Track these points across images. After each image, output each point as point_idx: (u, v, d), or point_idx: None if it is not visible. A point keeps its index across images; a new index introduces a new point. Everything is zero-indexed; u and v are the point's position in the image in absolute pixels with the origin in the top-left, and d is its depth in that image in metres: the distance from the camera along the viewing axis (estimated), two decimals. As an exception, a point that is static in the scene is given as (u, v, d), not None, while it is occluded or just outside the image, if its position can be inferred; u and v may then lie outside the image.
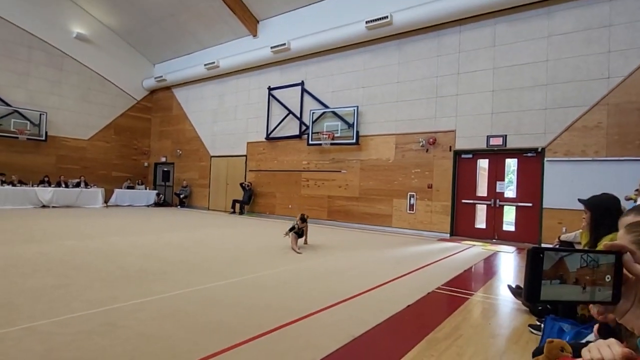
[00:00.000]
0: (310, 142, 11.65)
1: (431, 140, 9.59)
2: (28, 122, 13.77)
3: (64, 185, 13.69)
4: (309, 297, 3.65)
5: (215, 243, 6.95)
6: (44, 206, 12.75)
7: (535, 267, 0.74)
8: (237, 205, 13.48)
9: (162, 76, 16.29)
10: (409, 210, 9.95)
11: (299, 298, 3.63)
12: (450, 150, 9.40)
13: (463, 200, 9.31)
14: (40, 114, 14.02)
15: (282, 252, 6.08)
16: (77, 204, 13.51)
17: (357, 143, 10.82)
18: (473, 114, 9.12)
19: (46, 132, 14.19)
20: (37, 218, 9.66)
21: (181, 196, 15.59)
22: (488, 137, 8.87)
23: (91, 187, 14.41)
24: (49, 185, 13.33)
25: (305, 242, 6.88)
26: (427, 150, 9.72)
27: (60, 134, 14.80)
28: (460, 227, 9.35)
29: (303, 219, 6.51)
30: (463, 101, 9.27)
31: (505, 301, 3.90)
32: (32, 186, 12.96)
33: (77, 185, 14.06)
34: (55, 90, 14.70)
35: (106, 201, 14.57)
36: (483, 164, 9.25)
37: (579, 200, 2.93)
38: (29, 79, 14.04)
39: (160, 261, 5.06)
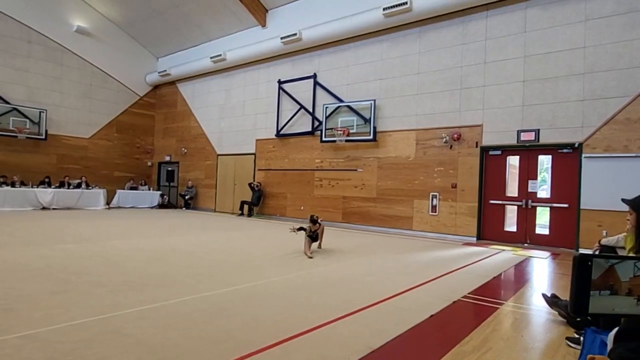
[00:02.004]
0: (324, 138, 11.65)
1: (455, 135, 9.48)
2: (27, 120, 14.11)
3: (66, 186, 13.99)
4: (322, 306, 3.63)
5: (222, 247, 6.98)
6: (44, 208, 13.04)
7: (583, 277, 0.71)
8: (246, 207, 13.57)
9: (166, 70, 16.51)
10: (431, 211, 9.86)
11: (312, 306, 3.61)
12: (476, 146, 9.29)
13: (491, 201, 9.19)
14: (40, 112, 14.36)
15: (294, 257, 6.08)
16: (78, 206, 13.79)
17: (374, 139, 10.77)
18: (502, 107, 8.98)
19: (46, 131, 14.53)
20: (36, 220, 9.88)
21: (186, 197, 15.77)
22: (519, 132, 8.73)
23: (92, 188, 14.69)
24: (49, 186, 13.64)
25: (319, 247, 6.86)
26: (451, 147, 9.62)
27: (60, 132, 15.13)
28: (488, 230, 9.23)
29: (314, 221, 6.43)
30: (491, 93, 9.14)
31: (540, 311, 3.81)
32: (32, 187, 13.28)
33: (78, 186, 14.34)
34: (56, 86, 15.04)
35: (108, 203, 14.84)
36: (513, 161, 9.12)
37: (623, 200, 2.84)
38: (28, 75, 14.39)
39: (165, 266, 5.11)
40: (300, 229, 6.44)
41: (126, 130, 17.11)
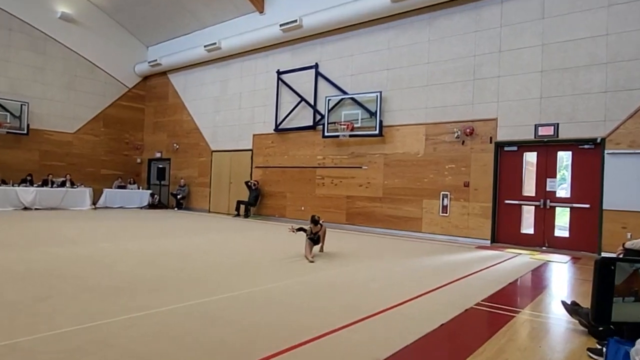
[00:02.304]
0: (326, 133, 11.64)
1: (468, 130, 9.46)
2: (8, 114, 14.13)
3: (50, 185, 14.02)
4: (324, 314, 3.63)
5: (217, 250, 6.99)
6: (25, 208, 13.07)
7: (605, 282, 0.70)
8: (242, 207, 13.58)
9: (156, 60, 16.51)
10: (442, 212, 9.85)
11: (312, 314, 3.62)
12: (490, 141, 9.26)
13: (506, 201, 9.17)
14: (22, 105, 14.39)
15: (294, 261, 6.08)
16: (62, 206, 13.82)
17: (380, 134, 10.76)
18: (518, 99, 8.95)
19: (28, 125, 14.55)
20: (18, 221, 9.91)
21: (178, 197, 15.79)
22: (536, 126, 8.70)
23: (78, 186, 14.72)
24: (31, 185, 13.67)
25: (321, 250, 6.86)
26: (463, 143, 9.60)
27: (43, 126, 15.15)
28: (502, 232, 9.21)
29: (315, 221, 6.41)
30: (506, 84, 9.11)
31: (559, 320, 3.80)
32: (13, 186, 13.31)
33: (62, 184, 14.37)
34: (38, 77, 15.06)
35: (94, 202, 14.87)
36: (530, 157, 9.09)
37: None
38: (8, 66, 14.41)
39: (155, 271, 5.12)
40: (300, 229, 6.43)
41: (114, 125, 17.14)
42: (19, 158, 14.65)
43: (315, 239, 6.44)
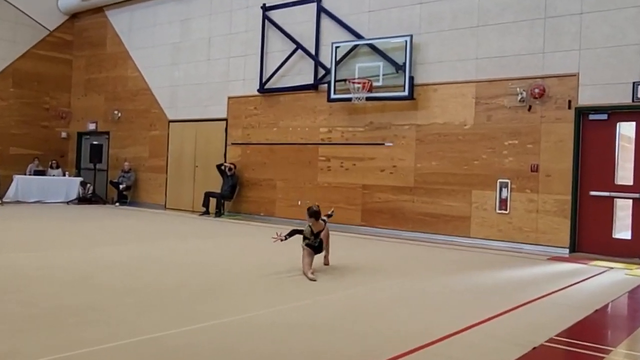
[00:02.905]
0: (333, 95, 11.58)
1: (537, 90, 9.40)
2: None
3: None
4: (330, 350, 3.63)
5: (179, 263, 6.98)
6: None
7: None
8: (213, 202, 13.58)
9: (88, -10, 16.40)
10: (500, 209, 9.84)
11: (314, 352, 3.62)
12: (569, 107, 9.21)
13: (592, 192, 9.14)
14: None
15: (288, 278, 6.06)
16: (-44, 200, 13.85)
17: (411, 97, 10.70)
18: (609, 46, 8.87)
19: None
20: None
21: (121, 187, 15.79)
22: (635, 85, 8.64)
23: (-22, 172, 14.71)
24: None
25: (327, 263, 6.86)
26: (529, 108, 9.55)
27: None
28: (587, 237, 9.20)
29: (314, 214, 6.33)
30: (592, 24, 9.02)
31: (667, 363, 3.80)
32: None
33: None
34: None
35: (1, 195, 14.84)
36: (627, 130, 9.05)
37: None
38: None
39: (92, 292, 5.11)
40: (294, 233, 6.40)
41: (28, 84, 17.07)
42: None
43: (316, 244, 6.37)
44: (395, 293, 5.69)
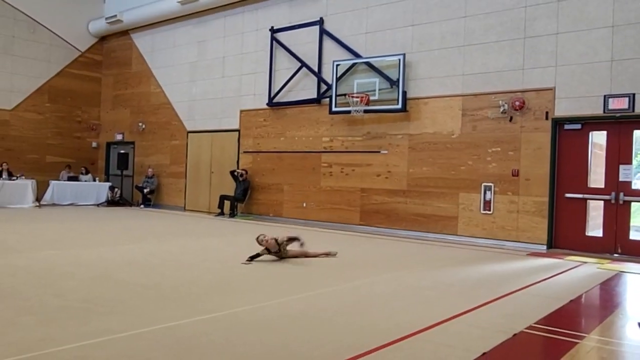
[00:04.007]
0: (334, 108, 11.59)
1: (517, 103, 9.39)
2: None
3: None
4: (332, 340, 3.62)
5: (195, 260, 7.00)
6: (-48, 206, 13.17)
7: None
8: (227, 204, 13.59)
9: (116, 16, 16.47)
10: (484, 209, 9.83)
11: (317, 341, 3.61)
12: (546, 118, 9.20)
13: (567, 194, 9.13)
14: (-56, 74, 14.43)
15: (292, 273, 6.07)
16: (-2, 204, 13.90)
17: (404, 109, 10.71)
18: (582, 63, 8.86)
19: (-47, 100, 14.60)
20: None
21: (145, 191, 15.84)
22: (606, 98, 8.62)
23: (17, 178, 14.77)
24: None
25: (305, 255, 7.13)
26: (510, 119, 9.53)
27: (-28, 102, 15.22)
28: (563, 234, 9.19)
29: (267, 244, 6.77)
30: (566, 43, 9.01)
31: (636, 348, 3.78)
32: None
33: (-2, 176, 14.45)
34: (-35, 39, 15.08)
35: (38, 199, 14.92)
36: (598, 138, 9.04)
37: None
38: None
39: (116, 286, 5.13)
40: (255, 257, 6.69)
41: (62, 99, 17.15)
42: (-57, 142, 14.73)
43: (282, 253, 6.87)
44: (391, 286, 5.69)
